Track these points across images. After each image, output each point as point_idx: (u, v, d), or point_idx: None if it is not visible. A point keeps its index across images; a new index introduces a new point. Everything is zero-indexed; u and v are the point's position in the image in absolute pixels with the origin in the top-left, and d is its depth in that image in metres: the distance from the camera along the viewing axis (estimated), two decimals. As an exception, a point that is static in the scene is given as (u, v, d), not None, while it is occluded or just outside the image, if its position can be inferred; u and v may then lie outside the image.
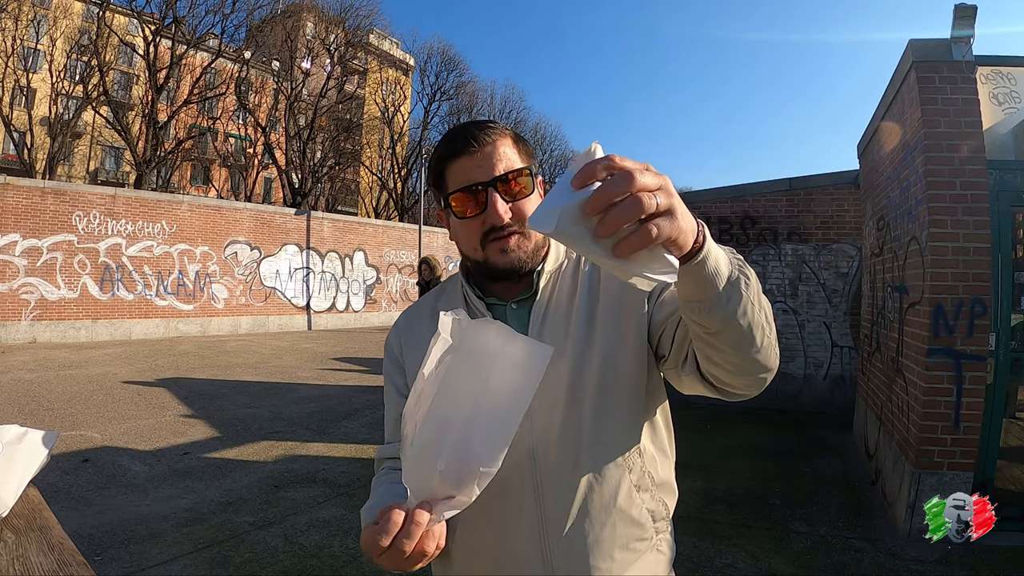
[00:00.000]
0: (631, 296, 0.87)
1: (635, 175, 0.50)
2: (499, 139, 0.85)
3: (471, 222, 0.85)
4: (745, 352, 0.69)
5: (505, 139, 0.86)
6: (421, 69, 32.02)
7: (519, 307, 0.90)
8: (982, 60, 3.34)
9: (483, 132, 0.85)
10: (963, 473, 3.10)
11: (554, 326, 0.88)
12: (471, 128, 0.86)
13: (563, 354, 0.85)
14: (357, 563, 2.91)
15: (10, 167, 22.26)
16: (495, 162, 0.84)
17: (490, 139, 0.84)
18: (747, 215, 6.82)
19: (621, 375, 0.85)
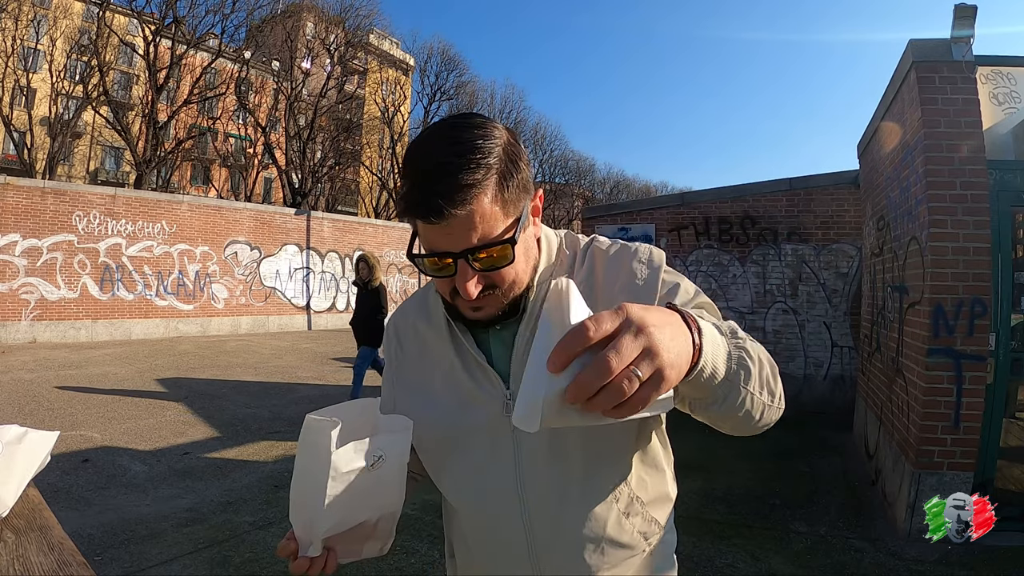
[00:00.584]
0: None
1: (611, 359, 0.47)
2: (474, 200, 0.67)
3: (440, 280, 0.76)
4: (745, 427, 0.71)
5: (482, 197, 0.68)
6: (421, 69, 32.04)
7: (503, 328, 0.81)
8: (982, 60, 3.34)
9: (450, 199, 0.66)
10: (963, 473, 3.10)
11: None
12: (445, 181, 0.67)
13: None
14: (357, 563, 2.91)
15: (10, 167, 22.26)
16: (468, 231, 0.68)
17: (462, 206, 0.67)
18: (747, 215, 6.83)
19: None
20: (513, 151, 0.72)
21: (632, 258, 0.82)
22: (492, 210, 0.69)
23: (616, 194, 44.39)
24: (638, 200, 11.03)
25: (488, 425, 0.81)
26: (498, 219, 0.70)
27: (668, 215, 7.13)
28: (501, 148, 0.71)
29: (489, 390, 0.81)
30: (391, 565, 2.89)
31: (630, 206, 8.28)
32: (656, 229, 7.12)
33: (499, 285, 0.74)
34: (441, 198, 0.66)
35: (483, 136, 0.70)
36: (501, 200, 0.70)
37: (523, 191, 0.73)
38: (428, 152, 0.69)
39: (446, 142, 0.69)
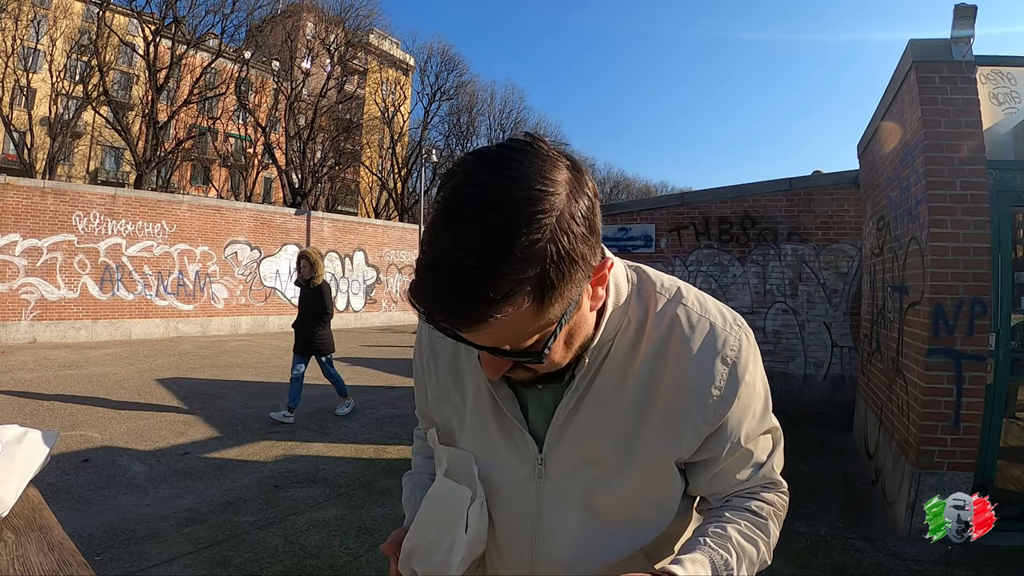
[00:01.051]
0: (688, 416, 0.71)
1: None
2: (500, 320, 0.53)
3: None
4: None
5: (514, 309, 0.53)
6: (421, 69, 32.05)
7: (545, 389, 0.72)
8: (982, 60, 3.34)
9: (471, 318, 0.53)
10: (963, 473, 3.10)
11: (586, 424, 0.71)
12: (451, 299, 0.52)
13: (592, 462, 0.72)
14: (357, 563, 2.91)
15: (10, 167, 22.26)
16: (488, 337, 0.57)
17: (474, 329, 0.54)
18: (747, 215, 6.83)
19: (655, 492, 0.75)
20: (567, 238, 0.53)
21: (717, 355, 0.71)
22: (522, 323, 0.56)
23: (616, 194, 44.42)
24: (638, 200, 11.04)
25: (514, 483, 0.76)
26: (532, 329, 0.58)
27: (668, 215, 7.14)
28: (548, 238, 0.51)
29: (523, 451, 0.75)
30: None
31: (630, 206, 8.28)
32: (656, 229, 7.12)
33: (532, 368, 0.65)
34: (450, 317, 0.54)
35: (523, 219, 0.51)
36: (534, 311, 0.55)
37: (575, 283, 0.56)
38: (447, 228, 0.53)
39: (472, 219, 0.51)
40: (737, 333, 0.73)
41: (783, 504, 0.81)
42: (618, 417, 0.71)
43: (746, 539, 0.72)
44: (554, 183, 0.53)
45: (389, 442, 5.09)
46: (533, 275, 0.52)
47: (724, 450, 0.74)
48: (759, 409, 0.75)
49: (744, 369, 0.72)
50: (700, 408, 0.70)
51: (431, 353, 0.84)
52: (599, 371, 0.71)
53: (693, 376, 0.70)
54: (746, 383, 0.72)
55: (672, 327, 0.72)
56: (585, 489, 0.74)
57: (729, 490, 0.78)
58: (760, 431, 0.76)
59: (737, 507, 0.77)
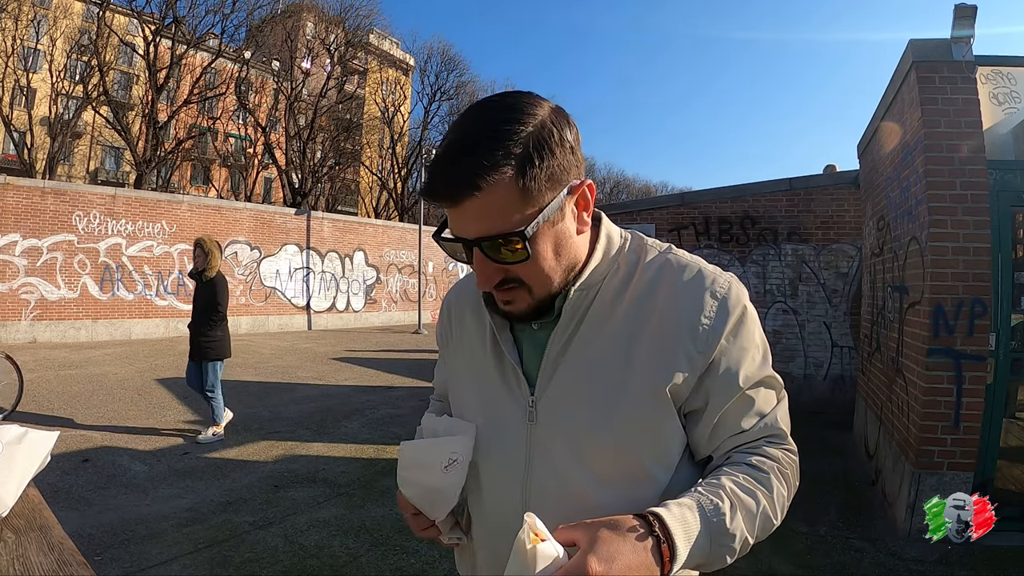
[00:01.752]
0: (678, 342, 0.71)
1: None
2: (491, 184, 0.62)
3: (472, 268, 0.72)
4: None
5: (492, 185, 0.62)
6: (421, 69, 32.04)
7: (540, 329, 0.76)
8: (982, 60, 3.34)
9: (464, 179, 0.62)
10: (963, 473, 3.10)
11: (574, 362, 0.74)
12: (453, 163, 0.64)
13: (583, 403, 0.72)
14: (357, 563, 2.91)
15: (10, 167, 22.27)
16: (477, 220, 0.65)
17: (465, 193, 0.63)
18: (747, 215, 6.83)
19: (652, 439, 0.73)
20: (546, 135, 0.65)
21: (706, 290, 0.73)
22: (506, 199, 0.64)
23: (616, 194, 44.43)
24: (638, 200, 11.04)
25: (507, 428, 0.77)
26: (514, 209, 0.64)
27: (668, 215, 7.14)
28: (530, 131, 0.64)
29: (516, 392, 0.77)
30: (391, 565, 2.89)
31: (630, 206, 8.28)
32: (656, 229, 7.12)
33: (523, 279, 0.69)
34: (445, 181, 0.64)
35: (511, 118, 0.64)
36: (517, 190, 0.64)
37: (553, 181, 0.66)
38: (452, 131, 0.68)
39: (471, 123, 0.66)
40: (727, 276, 0.76)
41: (789, 461, 0.77)
42: (609, 352, 0.72)
43: (742, 489, 0.69)
44: (540, 105, 0.68)
45: (389, 442, 5.09)
46: (517, 152, 0.63)
47: (721, 388, 0.72)
48: (757, 356, 0.75)
49: (735, 304, 0.73)
50: (691, 335, 0.71)
51: (447, 323, 0.92)
52: (588, 309, 0.74)
53: (682, 309, 0.72)
54: (738, 318, 0.73)
55: (662, 270, 0.75)
56: (577, 435, 0.72)
57: (731, 444, 0.75)
58: (760, 376, 0.74)
59: (736, 462, 0.74)
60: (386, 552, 3.03)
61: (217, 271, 5.05)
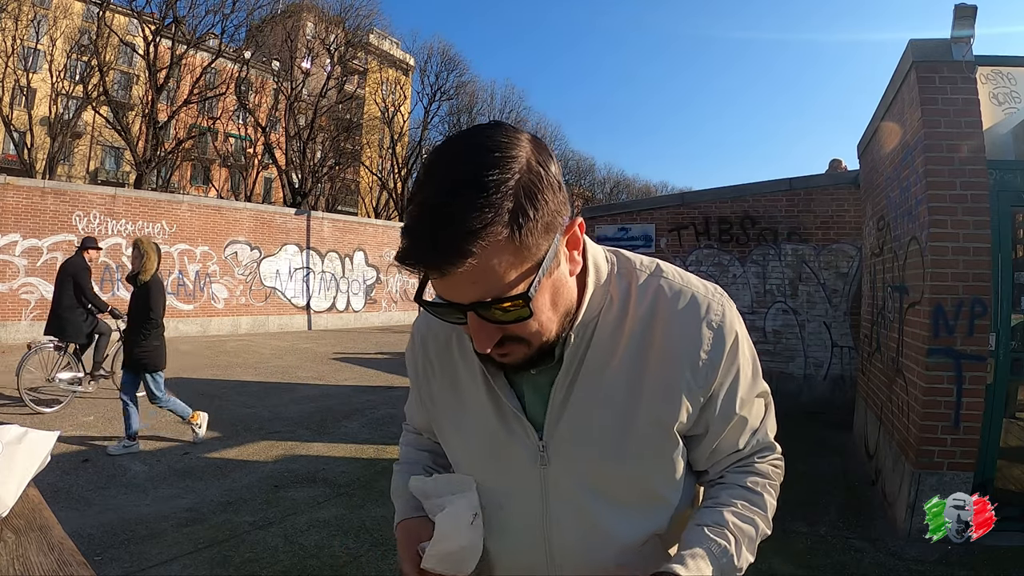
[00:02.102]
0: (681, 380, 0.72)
1: None
2: (474, 254, 0.56)
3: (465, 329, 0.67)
4: None
5: (485, 248, 0.56)
6: (421, 69, 32.03)
7: (539, 374, 0.73)
8: (982, 60, 3.34)
9: (444, 253, 0.56)
10: (963, 473, 3.10)
11: (581, 403, 0.73)
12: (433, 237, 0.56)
13: (593, 441, 0.73)
14: (357, 563, 2.91)
15: (10, 167, 22.27)
16: (471, 285, 0.59)
17: (458, 262, 0.56)
18: (747, 215, 6.83)
19: (662, 464, 0.76)
20: (535, 180, 0.59)
21: (703, 320, 0.73)
22: (502, 260, 0.59)
23: (616, 194, 44.41)
24: (638, 200, 11.05)
25: (518, 475, 0.77)
26: (511, 268, 0.60)
27: (668, 215, 7.14)
28: (517, 179, 0.58)
29: (522, 440, 0.76)
30: (391, 565, 2.89)
31: (630, 206, 8.28)
32: (656, 229, 7.12)
33: (521, 337, 0.66)
34: (433, 252, 0.57)
35: (494, 164, 0.58)
36: (513, 247, 0.58)
37: (547, 230, 0.61)
38: (426, 187, 0.59)
39: (449, 173, 0.59)
40: (719, 299, 0.76)
41: (777, 472, 0.82)
42: (613, 391, 0.72)
43: (742, 519, 0.74)
44: (519, 141, 0.61)
45: (389, 442, 5.09)
46: (508, 207, 0.57)
47: (720, 418, 0.75)
48: (749, 373, 0.77)
49: (729, 332, 0.74)
50: (691, 369, 0.72)
51: (424, 359, 0.86)
52: (588, 348, 0.73)
53: (681, 343, 0.72)
54: (732, 346, 0.74)
55: (656, 299, 0.74)
56: (590, 469, 0.74)
57: (727, 461, 0.80)
58: (753, 394, 0.78)
59: (731, 484, 0.79)
60: (386, 552, 3.02)
61: (153, 274, 4.53)
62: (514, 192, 0.58)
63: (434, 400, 0.85)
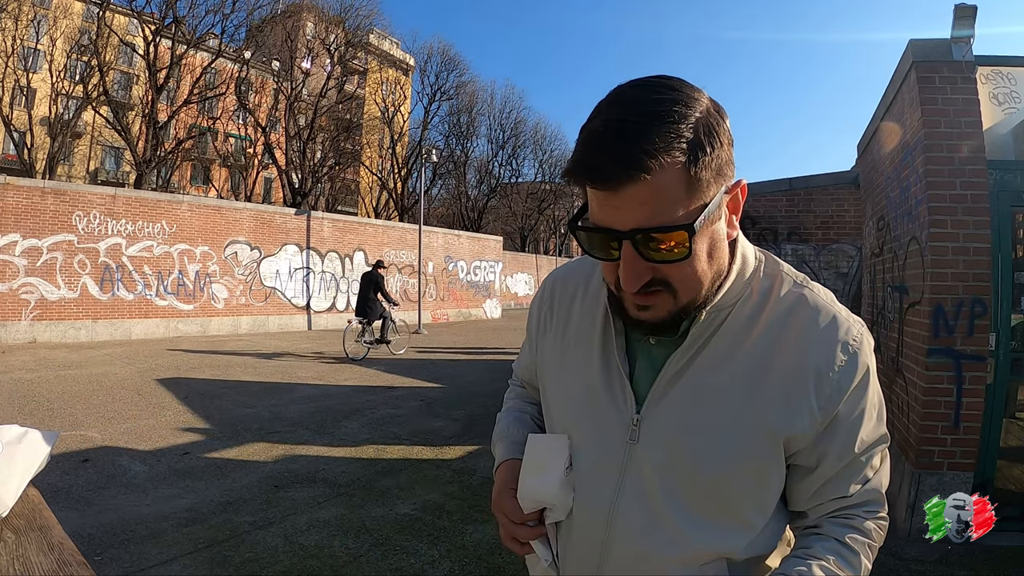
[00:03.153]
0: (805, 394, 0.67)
1: None
2: (651, 169, 0.55)
3: (605, 263, 0.66)
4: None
5: (662, 168, 0.56)
6: (421, 69, 32.07)
7: (657, 344, 0.71)
8: (982, 60, 3.34)
9: (622, 162, 0.56)
10: (963, 473, 3.10)
11: (690, 387, 0.69)
12: (616, 146, 0.56)
13: (692, 430, 0.68)
14: (357, 563, 2.91)
15: (10, 167, 22.28)
16: (639, 208, 0.58)
17: (634, 174, 0.56)
18: (747, 215, 6.82)
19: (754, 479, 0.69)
20: (714, 124, 0.60)
21: (840, 341, 0.68)
22: (674, 187, 0.57)
23: (616, 194, 44.33)
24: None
25: (606, 441, 0.73)
26: (680, 200, 0.58)
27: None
28: (698, 116, 0.59)
29: (621, 407, 0.72)
30: (391, 565, 2.89)
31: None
32: (656, 229, 7.11)
33: (671, 283, 0.63)
34: (612, 160, 0.56)
35: (679, 100, 0.58)
36: (687, 178, 0.58)
37: (718, 174, 0.60)
38: (609, 109, 0.59)
39: (633, 101, 0.59)
40: (860, 328, 0.71)
41: (880, 533, 0.73)
42: (729, 384, 0.68)
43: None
44: (700, 92, 0.62)
45: (389, 442, 5.09)
46: (688, 136, 0.57)
47: (836, 453, 0.69)
48: (875, 415, 0.71)
49: (864, 362, 0.69)
50: (817, 387, 0.67)
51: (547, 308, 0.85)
52: (715, 333, 0.69)
53: (812, 356, 0.67)
54: (864, 377, 0.69)
55: (796, 306, 0.71)
56: (678, 461, 0.69)
57: (830, 507, 0.73)
58: (875, 438, 0.71)
59: (827, 536, 0.71)
60: (386, 552, 3.03)
61: None
62: (695, 127, 0.58)
63: (545, 350, 0.83)
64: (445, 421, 5.89)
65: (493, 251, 23.76)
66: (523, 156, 37.12)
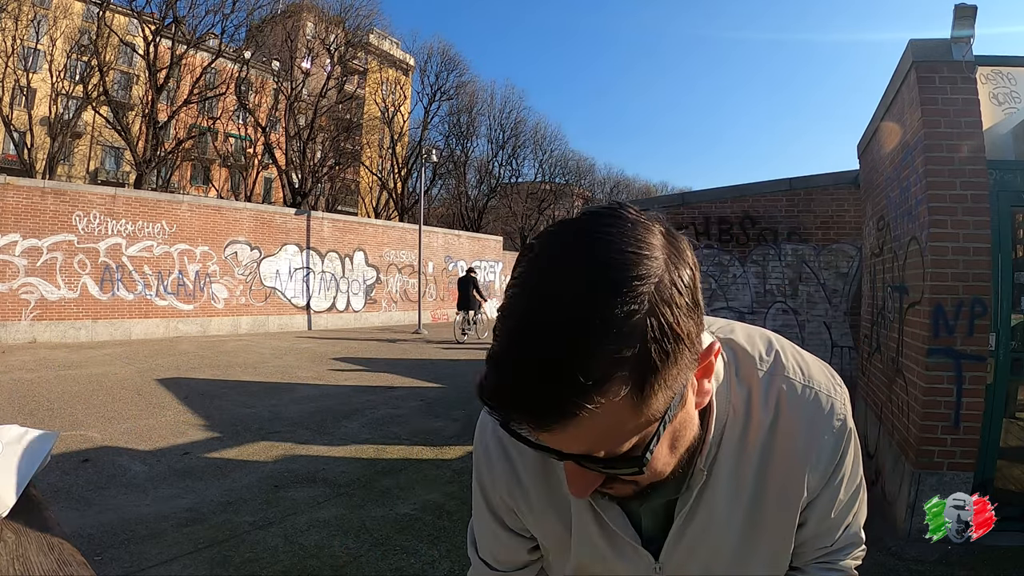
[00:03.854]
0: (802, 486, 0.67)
1: None
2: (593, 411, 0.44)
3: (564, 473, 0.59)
4: None
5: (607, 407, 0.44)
6: (421, 69, 32.07)
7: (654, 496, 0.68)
8: (982, 60, 3.34)
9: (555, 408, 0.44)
10: (963, 473, 3.10)
11: (704, 523, 0.67)
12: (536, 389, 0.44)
13: (714, 553, 0.69)
14: (357, 563, 2.91)
15: (10, 167, 22.27)
16: (576, 441, 0.48)
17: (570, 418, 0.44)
18: (747, 215, 6.82)
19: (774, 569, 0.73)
20: (670, 314, 0.45)
21: (828, 426, 0.66)
22: (616, 420, 0.47)
23: (616, 194, 44.40)
24: (638, 200, 11.04)
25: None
26: (626, 426, 0.48)
27: (668, 215, 7.06)
28: (648, 305, 0.44)
29: (636, 563, 0.70)
30: (391, 565, 2.89)
31: (630, 206, 8.25)
32: (656, 229, 7.11)
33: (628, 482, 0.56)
34: (533, 405, 0.44)
35: (622, 281, 0.44)
36: (632, 404, 0.46)
37: (678, 374, 0.48)
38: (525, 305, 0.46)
39: (554, 292, 0.45)
40: (841, 395, 0.69)
41: (859, 563, 0.78)
42: (738, 507, 0.67)
43: None
44: (650, 247, 0.46)
45: (389, 442, 5.09)
46: (631, 355, 0.44)
47: (818, 517, 0.70)
48: (852, 469, 0.70)
49: (850, 432, 0.68)
50: (811, 475, 0.66)
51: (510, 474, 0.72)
52: (707, 482, 0.65)
53: (805, 450, 0.66)
54: (846, 445, 0.68)
55: (779, 406, 0.66)
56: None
57: (813, 555, 0.75)
58: (853, 486, 0.71)
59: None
60: (386, 552, 3.03)
61: None
62: (641, 333, 0.44)
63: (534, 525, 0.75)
64: (445, 421, 5.89)
65: (493, 251, 23.77)
66: (523, 156, 37.12)
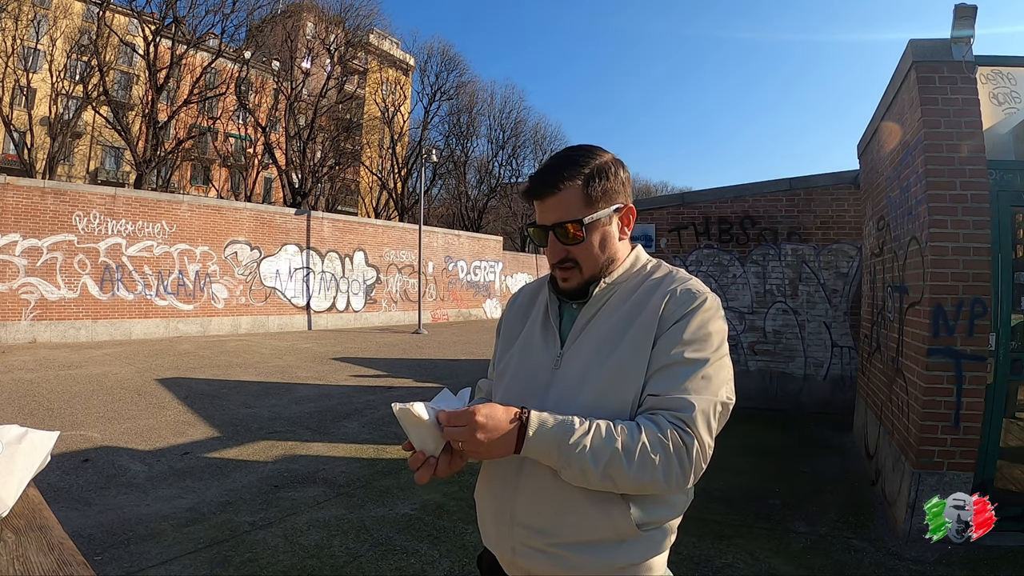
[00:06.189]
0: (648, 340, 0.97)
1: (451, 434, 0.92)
2: (566, 188, 0.98)
3: (547, 249, 1.04)
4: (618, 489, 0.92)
5: (567, 188, 0.98)
6: (421, 69, 32.04)
7: (578, 307, 1.06)
8: (982, 60, 3.34)
9: (551, 182, 0.99)
10: (963, 473, 3.10)
11: (592, 330, 1.03)
12: (545, 174, 1.00)
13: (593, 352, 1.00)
14: (357, 563, 2.91)
15: (10, 167, 22.27)
16: (553, 211, 1.00)
17: (556, 188, 0.99)
18: (747, 215, 6.82)
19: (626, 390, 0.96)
20: (605, 168, 1.01)
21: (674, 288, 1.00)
22: (574, 199, 0.99)
23: (616, 194, 44.33)
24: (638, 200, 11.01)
25: (539, 368, 1.05)
26: (578, 208, 0.99)
27: (668, 215, 7.13)
28: (595, 164, 1.01)
29: (551, 347, 1.06)
30: (391, 565, 2.89)
31: (630, 206, 8.25)
32: (656, 229, 7.11)
33: (577, 260, 1.01)
34: (539, 182, 1.01)
35: (585, 155, 1.02)
36: (584, 196, 0.99)
37: (606, 197, 1.01)
38: (550, 158, 1.04)
39: (562, 154, 1.04)
40: (699, 288, 1.00)
41: (681, 445, 0.90)
42: (616, 327, 1.01)
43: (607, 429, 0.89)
44: (603, 152, 1.05)
45: (389, 442, 5.09)
46: (583, 173, 1.00)
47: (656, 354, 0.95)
48: (695, 338, 0.95)
49: (706, 310, 0.97)
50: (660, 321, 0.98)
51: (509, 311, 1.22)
52: (610, 298, 1.04)
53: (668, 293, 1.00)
54: (690, 311, 0.97)
55: (663, 279, 1.04)
56: (584, 372, 0.99)
57: (647, 403, 0.95)
58: (692, 356, 0.94)
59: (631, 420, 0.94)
60: (386, 552, 3.03)
61: None
62: (592, 168, 1.01)
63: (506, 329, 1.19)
64: (445, 421, 5.89)
65: (493, 251, 23.76)
66: (523, 156, 37.10)
